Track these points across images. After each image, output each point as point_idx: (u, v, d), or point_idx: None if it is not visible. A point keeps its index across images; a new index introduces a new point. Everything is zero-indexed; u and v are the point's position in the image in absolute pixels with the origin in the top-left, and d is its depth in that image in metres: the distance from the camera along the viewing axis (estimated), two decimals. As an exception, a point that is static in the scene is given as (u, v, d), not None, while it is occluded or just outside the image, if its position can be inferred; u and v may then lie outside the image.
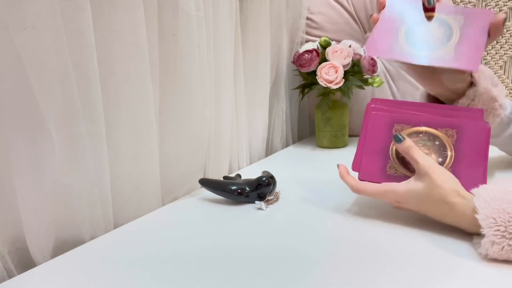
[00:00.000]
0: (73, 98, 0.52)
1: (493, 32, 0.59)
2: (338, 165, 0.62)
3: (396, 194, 0.54)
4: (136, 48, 0.60)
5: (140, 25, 0.59)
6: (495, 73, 1.21)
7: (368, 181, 0.58)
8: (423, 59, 0.59)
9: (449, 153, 0.56)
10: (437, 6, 0.62)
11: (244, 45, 0.91)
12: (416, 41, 0.61)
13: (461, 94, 0.64)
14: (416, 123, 0.58)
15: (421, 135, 0.58)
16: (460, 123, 0.57)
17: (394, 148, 0.58)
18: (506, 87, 1.21)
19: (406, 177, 0.56)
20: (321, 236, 0.55)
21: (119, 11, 0.57)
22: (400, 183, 0.55)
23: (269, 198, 0.68)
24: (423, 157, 0.54)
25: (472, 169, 0.55)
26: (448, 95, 0.65)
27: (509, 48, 1.19)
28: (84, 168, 0.55)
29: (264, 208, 0.64)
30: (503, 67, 1.20)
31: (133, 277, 0.46)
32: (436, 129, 0.58)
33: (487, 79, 0.65)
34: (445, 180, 0.51)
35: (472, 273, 0.44)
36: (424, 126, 0.58)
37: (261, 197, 0.67)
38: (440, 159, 0.56)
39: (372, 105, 0.62)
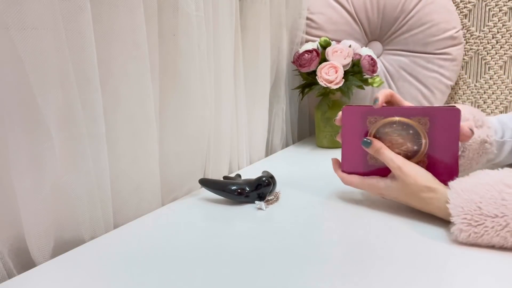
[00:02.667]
0: (73, 98, 0.52)
1: (462, 138, 0.58)
2: (332, 159, 0.66)
3: (378, 189, 0.60)
4: (135, 48, 0.60)
5: (140, 25, 0.59)
6: (494, 73, 1.21)
7: (352, 173, 0.62)
8: (384, 179, 0.59)
9: (423, 140, 0.58)
10: (399, 110, 0.59)
11: (244, 45, 0.91)
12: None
13: None
14: (388, 114, 0.59)
15: (394, 125, 0.59)
16: (431, 111, 0.58)
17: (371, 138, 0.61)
18: (506, 87, 1.21)
19: (386, 167, 0.59)
20: (320, 236, 0.55)
21: (119, 11, 0.57)
22: (380, 179, 0.60)
23: (269, 198, 0.68)
24: (393, 158, 0.57)
25: (445, 153, 0.58)
26: None
27: (509, 48, 1.19)
28: (84, 168, 0.55)
29: (264, 208, 0.64)
30: (503, 67, 1.20)
31: (133, 277, 0.46)
32: (409, 118, 0.58)
33: (472, 123, 0.64)
34: (416, 178, 0.55)
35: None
36: (397, 116, 0.59)
37: (261, 197, 0.67)
38: (415, 147, 0.58)
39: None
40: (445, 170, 0.57)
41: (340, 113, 0.62)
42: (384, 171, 0.60)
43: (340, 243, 0.53)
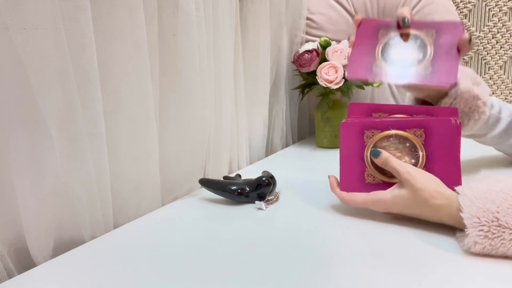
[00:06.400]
0: (73, 98, 0.52)
1: (461, 48, 0.61)
2: (329, 177, 0.63)
3: (383, 203, 0.56)
4: (136, 48, 0.60)
5: (140, 25, 0.59)
6: (494, 73, 1.21)
7: (348, 191, 0.60)
8: (402, 78, 0.61)
9: (420, 153, 0.58)
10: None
11: (244, 45, 0.91)
12: (393, 59, 0.62)
13: (444, 94, 0.66)
14: (385, 127, 0.59)
15: (391, 138, 0.59)
16: (425, 122, 0.58)
17: (369, 154, 0.60)
18: (506, 87, 1.21)
19: (385, 184, 0.58)
20: (320, 236, 0.55)
21: (119, 11, 0.57)
22: (385, 192, 0.56)
23: (269, 198, 0.68)
24: (401, 165, 0.55)
25: (444, 165, 0.56)
26: (432, 95, 0.67)
27: (509, 48, 1.19)
28: (84, 168, 0.55)
29: (264, 208, 0.64)
30: (503, 67, 1.20)
31: (133, 277, 0.46)
32: (404, 130, 0.59)
33: (468, 78, 0.67)
34: (426, 183, 0.52)
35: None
36: (393, 129, 0.59)
37: (261, 197, 0.67)
38: (413, 161, 0.57)
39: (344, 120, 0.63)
40: (447, 180, 0.54)
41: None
42: (381, 190, 0.58)
43: (340, 244, 0.53)
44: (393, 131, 0.59)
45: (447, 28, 0.62)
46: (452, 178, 0.54)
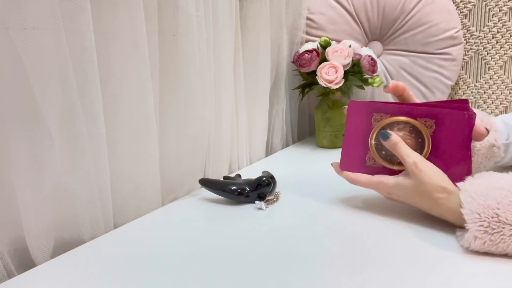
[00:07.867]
0: (73, 98, 0.52)
1: (477, 138, 0.57)
2: (331, 164, 0.64)
3: (387, 187, 0.56)
4: (135, 48, 0.60)
5: (140, 25, 0.59)
6: (494, 73, 1.21)
7: (349, 172, 0.60)
8: (394, 176, 0.57)
9: (426, 143, 0.56)
10: (405, 110, 0.57)
11: (244, 45, 0.91)
12: (387, 152, 0.58)
13: None
14: (395, 112, 0.58)
15: (400, 125, 0.58)
16: (438, 113, 0.55)
17: (373, 138, 0.59)
18: (506, 87, 1.21)
19: (385, 168, 0.58)
20: (320, 236, 0.55)
21: (119, 11, 0.57)
22: (390, 177, 0.57)
23: (269, 198, 0.68)
24: (409, 153, 0.54)
25: (450, 159, 0.55)
26: None
27: (509, 48, 1.18)
28: (84, 168, 0.55)
29: (264, 208, 0.64)
30: (503, 67, 1.20)
31: (133, 277, 0.46)
32: (415, 119, 0.57)
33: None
34: (432, 177, 0.52)
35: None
36: (403, 116, 0.57)
37: (261, 197, 0.67)
38: (417, 151, 0.56)
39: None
40: (451, 175, 0.53)
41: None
42: (381, 174, 0.59)
43: (340, 244, 0.53)
44: (402, 118, 0.57)
45: (449, 118, 0.55)
46: (457, 173, 0.52)
